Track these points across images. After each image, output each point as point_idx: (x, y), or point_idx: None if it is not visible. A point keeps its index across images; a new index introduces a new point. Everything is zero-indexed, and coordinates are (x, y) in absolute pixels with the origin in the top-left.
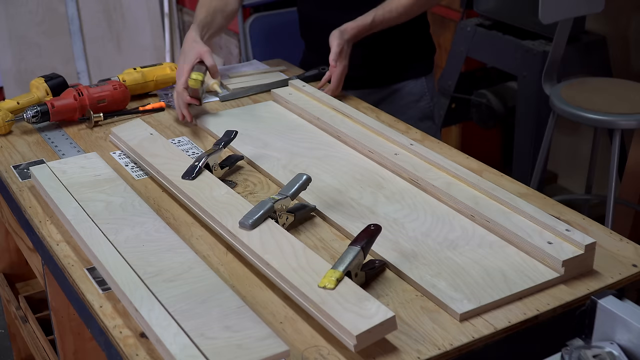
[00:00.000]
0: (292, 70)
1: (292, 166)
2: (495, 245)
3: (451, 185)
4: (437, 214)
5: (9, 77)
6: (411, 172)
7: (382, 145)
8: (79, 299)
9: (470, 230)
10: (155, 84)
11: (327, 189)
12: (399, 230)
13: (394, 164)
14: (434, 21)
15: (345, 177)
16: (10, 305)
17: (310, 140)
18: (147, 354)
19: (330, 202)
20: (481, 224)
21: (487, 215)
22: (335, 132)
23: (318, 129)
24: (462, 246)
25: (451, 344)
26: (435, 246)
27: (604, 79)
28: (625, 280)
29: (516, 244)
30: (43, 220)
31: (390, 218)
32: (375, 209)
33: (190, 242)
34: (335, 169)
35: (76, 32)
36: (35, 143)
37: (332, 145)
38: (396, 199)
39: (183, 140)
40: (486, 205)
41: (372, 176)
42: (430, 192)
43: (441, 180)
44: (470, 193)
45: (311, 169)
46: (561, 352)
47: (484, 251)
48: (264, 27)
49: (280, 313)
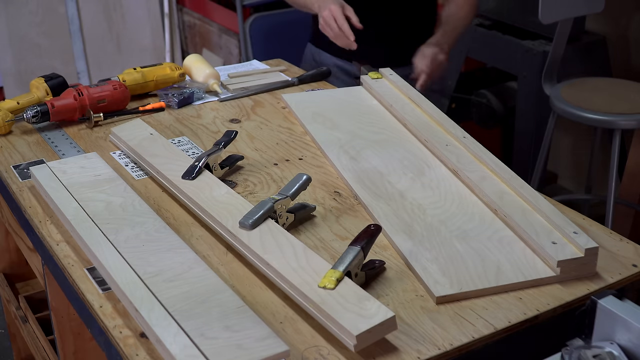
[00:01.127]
0: (292, 70)
1: (348, 147)
2: (505, 240)
3: (485, 179)
4: (463, 205)
5: (9, 77)
6: (454, 163)
7: (437, 135)
8: (79, 299)
9: (488, 223)
10: (155, 84)
11: (370, 170)
12: (419, 215)
13: (442, 154)
14: None
15: (393, 161)
16: (10, 305)
17: (377, 125)
18: (147, 354)
19: (366, 181)
20: (501, 218)
21: (506, 211)
22: (402, 120)
23: (390, 116)
24: (471, 237)
25: (451, 344)
26: (445, 234)
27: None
28: (625, 280)
29: (525, 240)
30: (43, 220)
31: (416, 203)
32: (405, 194)
33: (190, 242)
34: (387, 153)
35: (76, 32)
36: (35, 143)
37: (395, 131)
38: (431, 187)
39: (183, 140)
40: (510, 201)
41: (419, 163)
42: (466, 184)
43: (477, 174)
44: (499, 188)
45: (364, 151)
46: (561, 352)
47: (490, 244)
48: (264, 27)
49: (280, 313)
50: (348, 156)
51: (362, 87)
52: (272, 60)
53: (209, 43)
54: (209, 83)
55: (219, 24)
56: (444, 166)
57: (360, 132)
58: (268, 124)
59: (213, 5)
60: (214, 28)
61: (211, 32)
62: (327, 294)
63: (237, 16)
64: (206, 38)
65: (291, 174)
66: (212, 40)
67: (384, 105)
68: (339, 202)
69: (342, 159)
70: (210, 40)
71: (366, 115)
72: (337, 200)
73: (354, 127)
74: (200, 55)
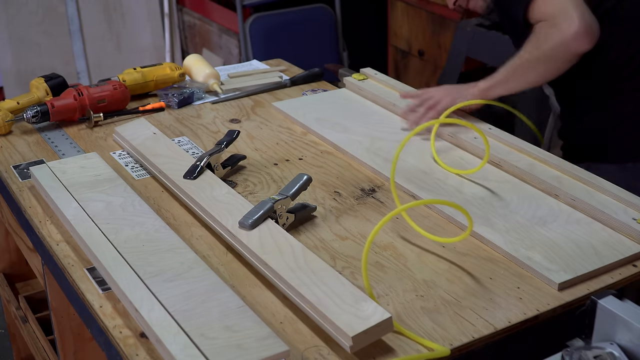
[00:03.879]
0: (292, 70)
1: (375, 149)
2: (582, 222)
3: (534, 167)
4: (522, 194)
5: (9, 77)
6: (493, 154)
7: (460, 129)
8: (79, 299)
9: (556, 208)
10: (155, 84)
11: (412, 169)
12: (488, 208)
13: (474, 146)
14: (434, 21)
15: (428, 158)
16: (10, 305)
17: (388, 124)
18: (147, 354)
19: (419, 182)
20: (566, 202)
21: (572, 193)
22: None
23: (394, 114)
24: (550, 222)
25: (451, 344)
26: (524, 222)
27: None
28: (625, 280)
29: (602, 220)
30: (43, 220)
31: (478, 197)
32: (462, 189)
33: (190, 242)
34: (416, 151)
35: (76, 32)
36: (35, 143)
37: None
38: (480, 180)
39: (183, 140)
40: (570, 184)
41: (454, 159)
42: (513, 173)
43: (523, 162)
44: (552, 174)
45: (393, 152)
46: (561, 353)
47: (572, 227)
48: (264, 27)
49: (280, 313)
50: (381, 158)
51: (345, 90)
52: (272, 60)
53: (209, 43)
54: (209, 83)
55: (219, 24)
56: (479, 159)
57: (375, 133)
58: (268, 124)
59: (213, 5)
60: (214, 28)
61: (211, 32)
62: (324, 295)
63: (237, 16)
64: (206, 38)
65: (291, 174)
66: (212, 40)
67: (379, 104)
68: (339, 202)
69: (377, 161)
70: (210, 40)
71: (370, 117)
72: (337, 200)
73: (366, 129)
74: (200, 55)
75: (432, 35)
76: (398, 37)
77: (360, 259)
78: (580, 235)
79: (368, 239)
